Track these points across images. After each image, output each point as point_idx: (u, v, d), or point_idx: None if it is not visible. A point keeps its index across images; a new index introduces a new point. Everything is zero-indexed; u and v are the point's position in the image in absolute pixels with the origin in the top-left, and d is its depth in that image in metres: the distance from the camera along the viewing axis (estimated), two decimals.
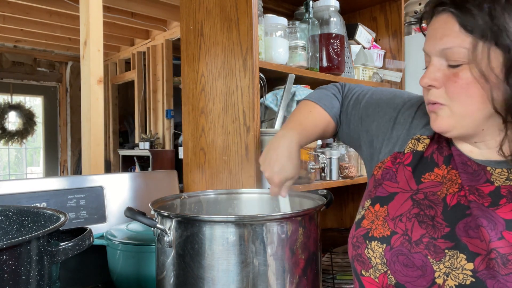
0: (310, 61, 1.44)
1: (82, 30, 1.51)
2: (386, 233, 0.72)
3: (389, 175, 0.79)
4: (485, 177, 0.69)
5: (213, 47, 1.31)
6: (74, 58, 5.82)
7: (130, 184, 1.26)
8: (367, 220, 0.76)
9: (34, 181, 1.08)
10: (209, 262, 0.75)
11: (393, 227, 0.72)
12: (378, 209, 0.76)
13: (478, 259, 0.63)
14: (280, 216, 0.79)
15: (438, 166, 0.75)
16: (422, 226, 0.70)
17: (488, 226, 0.64)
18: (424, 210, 0.71)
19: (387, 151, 0.82)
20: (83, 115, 1.51)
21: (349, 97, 0.94)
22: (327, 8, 1.46)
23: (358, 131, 0.89)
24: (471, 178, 0.70)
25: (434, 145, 0.78)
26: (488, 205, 0.66)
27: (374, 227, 0.74)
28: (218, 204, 1.05)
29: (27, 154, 6.00)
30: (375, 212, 0.76)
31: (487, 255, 0.62)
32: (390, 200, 0.76)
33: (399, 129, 0.83)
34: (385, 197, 0.77)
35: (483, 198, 0.67)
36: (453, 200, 0.70)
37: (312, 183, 1.36)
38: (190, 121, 1.41)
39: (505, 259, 0.61)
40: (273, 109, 1.33)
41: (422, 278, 0.66)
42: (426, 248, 0.67)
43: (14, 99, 5.57)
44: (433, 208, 0.71)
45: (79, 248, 0.65)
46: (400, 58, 1.75)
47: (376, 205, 0.77)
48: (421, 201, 0.73)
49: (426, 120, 0.81)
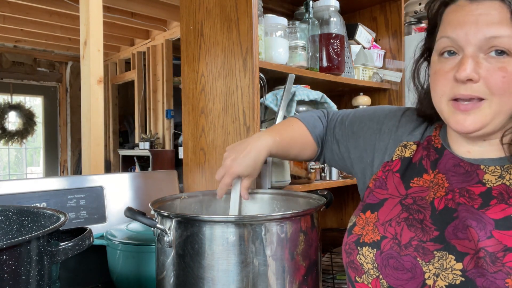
0: (310, 61, 1.44)
1: (82, 30, 1.51)
2: (376, 238, 0.72)
3: (379, 183, 0.79)
4: (477, 178, 0.69)
5: (213, 47, 1.31)
6: (74, 58, 5.82)
7: (130, 184, 1.26)
8: (358, 226, 0.76)
9: (34, 181, 1.08)
10: (209, 262, 0.75)
11: (383, 232, 0.72)
12: (368, 216, 0.76)
13: (467, 259, 0.63)
14: (280, 216, 0.79)
15: (427, 172, 0.75)
16: (411, 230, 0.70)
17: (477, 227, 0.64)
18: (413, 214, 0.71)
19: (378, 163, 0.83)
20: (83, 115, 1.51)
21: (334, 120, 0.95)
22: (327, 8, 1.46)
23: (347, 149, 0.90)
24: (463, 179, 0.70)
25: (424, 152, 0.77)
26: (478, 207, 0.66)
27: (364, 233, 0.74)
28: (218, 204, 1.05)
29: (27, 154, 6.00)
30: (366, 219, 0.76)
31: (475, 254, 0.62)
32: (380, 206, 0.76)
33: (385, 139, 0.83)
34: (375, 204, 0.77)
35: (473, 200, 0.67)
36: (441, 204, 0.70)
37: (312, 183, 1.36)
38: (190, 121, 1.41)
39: (494, 257, 0.61)
40: (273, 109, 1.33)
41: (412, 280, 0.66)
42: (415, 250, 0.67)
43: (14, 99, 5.57)
44: (421, 212, 0.71)
45: (79, 248, 0.65)
46: (400, 58, 1.75)
47: (367, 212, 0.77)
48: (410, 206, 0.73)
49: (412, 126, 0.82)
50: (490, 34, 0.62)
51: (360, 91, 1.74)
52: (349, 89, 1.75)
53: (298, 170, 1.33)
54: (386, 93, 1.78)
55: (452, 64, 0.67)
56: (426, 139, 0.79)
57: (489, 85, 0.64)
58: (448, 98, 0.68)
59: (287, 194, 1.04)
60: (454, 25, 0.66)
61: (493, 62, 0.63)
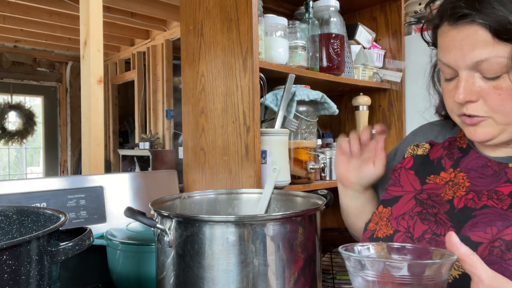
0: (310, 61, 1.44)
1: (82, 30, 1.51)
2: (389, 232, 0.73)
3: (392, 181, 0.82)
4: (506, 177, 0.69)
5: (213, 47, 1.31)
6: (74, 58, 5.82)
7: (130, 184, 1.26)
8: (373, 222, 0.79)
9: (34, 181, 1.08)
10: (209, 262, 0.75)
11: (395, 226, 0.73)
12: (381, 210, 0.78)
13: (481, 248, 0.63)
14: (280, 216, 0.78)
15: (445, 170, 0.76)
16: (424, 223, 0.70)
17: (503, 225, 0.64)
18: (427, 208, 0.72)
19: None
20: (83, 115, 1.50)
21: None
22: (327, 8, 1.46)
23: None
24: (491, 181, 0.69)
25: (444, 151, 0.79)
26: (506, 207, 0.66)
27: (378, 228, 0.76)
28: (218, 204, 1.05)
29: (27, 154, 6.00)
30: (379, 214, 0.79)
31: (489, 243, 0.62)
32: (395, 202, 0.78)
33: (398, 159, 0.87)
34: (389, 200, 0.79)
35: (502, 202, 0.66)
36: (460, 203, 0.70)
37: (312, 183, 1.36)
38: (190, 121, 1.41)
39: (510, 245, 0.61)
40: (273, 109, 1.32)
41: None
42: (428, 243, 0.68)
43: (14, 99, 5.57)
44: (436, 208, 0.71)
45: (79, 248, 0.65)
46: (400, 58, 1.75)
47: (380, 206, 0.80)
48: (425, 201, 0.74)
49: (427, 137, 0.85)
50: (476, 59, 0.63)
51: (360, 91, 1.74)
52: (349, 89, 1.75)
53: (298, 170, 1.33)
54: (386, 93, 1.78)
55: (454, 84, 0.68)
56: (448, 140, 0.81)
57: (488, 104, 0.65)
58: (456, 114, 0.70)
59: (287, 194, 1.04)
60: (444, 50, 0.68)
61: (488, 81, 0.64)
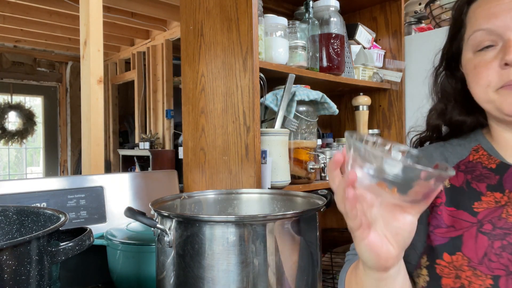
0: (310, 61, 1.44)
1: (82, 30, 1.51)
2: (488, 283, 0.60)
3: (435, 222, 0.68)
4: None
5: (213, 47, 1.31)
6: (74, 58, 5.82)
7: (130, 184, 1.26)
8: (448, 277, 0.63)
9: (34, 181, 1.08)
10: (209, 262, 0.75)
11: (488, 272, 0.61)
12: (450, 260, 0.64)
13: None
14: (280, 216, 0.78)
15: (483, 193, 0.68)
16: None
17: None
18: (505, 238, 0.62)
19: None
20: (83, 115, 1.50)
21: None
22: (327, 8, 1.46)
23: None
24: None
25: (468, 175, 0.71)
26: None
27: (466, 282, 0.61)
28: (218, 204, 1.05)
29: (27, 154, 6.00)
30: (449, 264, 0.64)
31: None
32: (457, 245, 0.65)
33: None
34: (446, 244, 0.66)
35: None
36: None
37: (312, 183, 1.36)
38: (190, 121, 1.41)
39: None
40: (273, 109, 1.33)
41: None
42: None
43: (14, 99, 5.57)
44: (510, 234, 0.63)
45: (79, 248, 0.65)
46: (400, 58, 1.75)
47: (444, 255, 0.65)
48: (493, 232, 0.64)
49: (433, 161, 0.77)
50: None
51: (360, 91, 1.74)
52: (349, 89, 1.75)
53: (298, 170, 1.33)
54: (386, 93, 1.78)
55: (493, 53, 0.66)
56: (462, 164, 0.73)
57: None
58: (497, 87, 0.66)
59: (287, 194, 1.04)
60: (487, 16, 0.66)
61: None
